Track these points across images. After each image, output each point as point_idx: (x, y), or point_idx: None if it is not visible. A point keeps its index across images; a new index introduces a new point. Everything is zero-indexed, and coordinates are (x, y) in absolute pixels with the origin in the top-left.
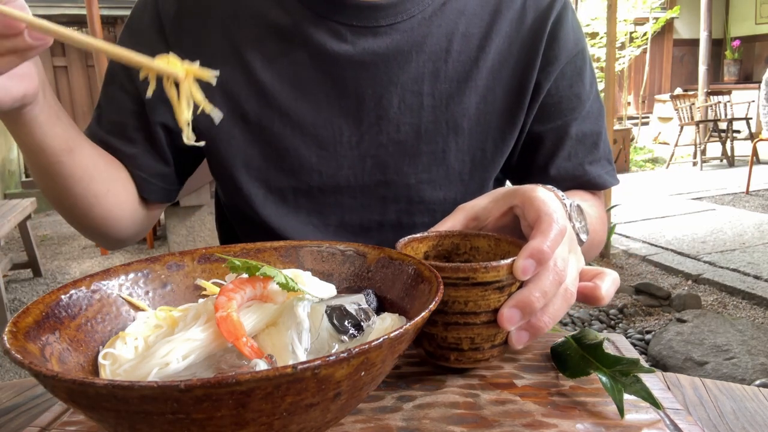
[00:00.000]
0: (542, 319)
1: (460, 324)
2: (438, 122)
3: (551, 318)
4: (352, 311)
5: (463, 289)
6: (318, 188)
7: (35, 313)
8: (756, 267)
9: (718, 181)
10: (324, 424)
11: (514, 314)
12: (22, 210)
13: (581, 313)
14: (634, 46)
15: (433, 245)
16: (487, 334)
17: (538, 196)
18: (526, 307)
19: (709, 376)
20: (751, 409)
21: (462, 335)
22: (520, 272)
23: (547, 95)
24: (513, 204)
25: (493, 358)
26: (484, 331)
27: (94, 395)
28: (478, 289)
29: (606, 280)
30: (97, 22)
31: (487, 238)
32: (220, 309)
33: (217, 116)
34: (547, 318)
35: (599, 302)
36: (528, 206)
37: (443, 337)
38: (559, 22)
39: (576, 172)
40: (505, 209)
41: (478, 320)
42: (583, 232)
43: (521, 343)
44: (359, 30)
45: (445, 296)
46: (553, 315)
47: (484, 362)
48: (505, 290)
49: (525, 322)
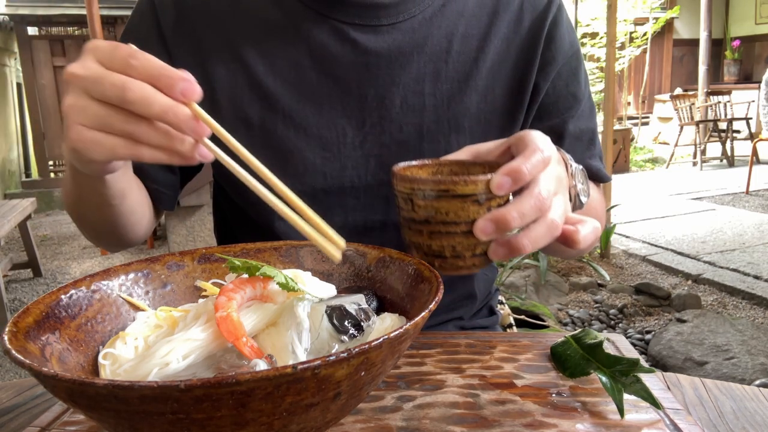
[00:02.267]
0: (522, 240)
1: (442, 233)
2: (440, 122)
3: (531, 241)
4: (352, 311)
5: (444, 200)
6: (322, 190)
7: (35, 313)
8: (756, 267)
9: (718, 181)
10: (324, 424)
11: (488, 226)
12: (22, 210)
13: (581, 313)
14: (634, 46)
15: (432, 172)
16: (468, 243)
17: (530, 133)
18: (500, 222)
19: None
20: (751, 409)
21: (444, 243)
22: (495, 187)
23: (545, 95)
24: (510, 143)
25: (474, 267)
26: (465, 240)
27: (94, 395)
28: (458, 200)
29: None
30: (97, 22)
31: (483, 166)
32: (220, 309)
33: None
34: (526, 240)
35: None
36: (520, 142)
37: (428, 245)
38: (556, 23)
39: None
40: (504, 149)
41: (459, 230)
42: (584, 195)
43: (497, 256)
44: (361, 29)
45: (430, 207)
46: (533, 239)
47: (465, 270)
48: (484, 204)
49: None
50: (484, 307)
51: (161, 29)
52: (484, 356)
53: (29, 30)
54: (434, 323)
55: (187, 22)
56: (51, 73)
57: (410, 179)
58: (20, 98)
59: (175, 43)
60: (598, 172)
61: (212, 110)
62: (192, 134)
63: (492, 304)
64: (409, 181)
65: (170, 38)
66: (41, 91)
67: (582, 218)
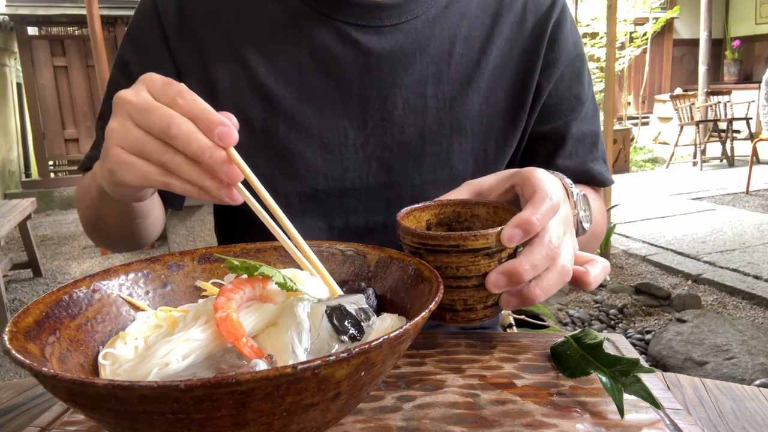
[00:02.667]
0: (534, 291)
1: (453, 287)
2: (442, 124)
3: (543, 291)
4: (352, 311)
5: (455, 255)
6: (324, 191)
7: (35, 313)
8: (756, 267)
9: (718, 181)
10: (324, 424)
11: (500, 280)
12: (22, 210)
13: (581, 313)
14: (634, 46)
15: (435, 213)
16: (479, 296)
17: (536, 175)
18: (513, 275)
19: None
20: (751, 409)
21: (455, 297)
22: (507, 240)
23: (547, 97)
24: (514, 182)
25: (486, 318)
26: (476, 293)
27: (94, 395)
28: (469, 255)
29: (596, 267)
30: (97, 22)
31: (486, 206)
32: (220, 310)
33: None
34: (539, 290)
35: (587, 287)
36: (526, 184)
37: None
38: (559, 25)
39: (578, 170)
40: (507, 187)
41: (470, 284)
42: (587, 221)
43: (510, 307)
44: (363, 29)
45: (439, 262)
46: (545, 288)
47: (477, 321)
48: (495, 256)
49: (515, 288)
50: None
51: (163, 29)
52: (484, 356)
53: (29, 30)
54: (435, 324)
55: (190, 22)
56: (51, 73)
57: (419, 234)
58: (20, 98)
59: (177, 44)
60: (600, 175)
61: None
62: (225, 178)
63: None
64: (418, 237)
65: (172, 38)
66: (41, 91)
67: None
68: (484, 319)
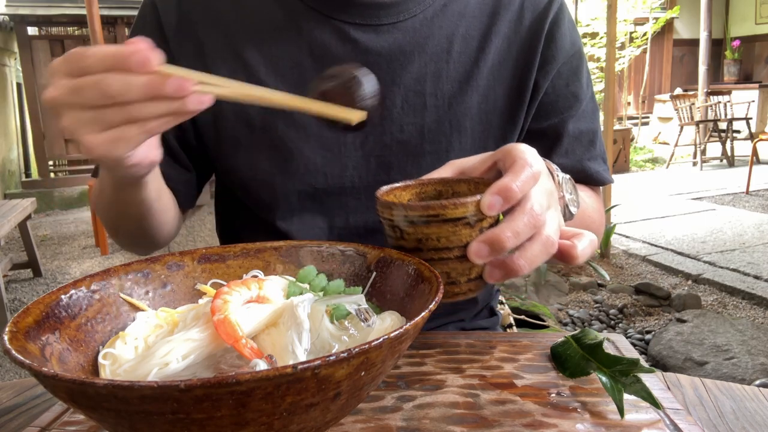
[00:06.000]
0: (518, 261)
1: (435, 260)
2: (441, 122)
3: (527, 261)
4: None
5: (435, 226)
6: (323, 190)
7: (35, 313)
8: (756, 267)
9: (718, 181)
10: (324, 424)
11: (482, 249)
12: (22, 210)
13: (581, 313)
14: (634, 46)
15: (416, 193)
16: (462, 268)
17: (517, 147)
18: (495, 244)
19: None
20: (751, 409)
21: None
22: (486, 207)
23: (544, 94)
24: (497, 158)
25: (470, 292)
26: (459, 265)
27: (94, 395)
28: (449, 225)
29: (583, 240)
30: (97, 22)
31: (468, 183)
32: (217, 312)
33: None
34: (522, 261)
35: (574, 260)
36: (507, 157)
37: None
38: (556, 23)
39: (575, 168)
40: (491, 164)
41: (452, 255)
42: (573, 205)
43: (494, 279)
44: (362, 28)
45: (420, 234)
46: (529, 259)
47: (462, 296)
48: (476, 226)
49: (498, 259)
50: (485, 308)
51: (163, 31)
52: (484, 356)
53: (29, 30)
54: (435, 325)
55: (189, 23)
56: None
57: (396, 206)
58: (20, 98)
59: (177, 45)
60: (597, 174)
61: (214, 110)
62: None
63: (493, 305)
64: (395, 208)
65: (172, 40)
66: (41, 91)
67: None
68: (468, 293)
